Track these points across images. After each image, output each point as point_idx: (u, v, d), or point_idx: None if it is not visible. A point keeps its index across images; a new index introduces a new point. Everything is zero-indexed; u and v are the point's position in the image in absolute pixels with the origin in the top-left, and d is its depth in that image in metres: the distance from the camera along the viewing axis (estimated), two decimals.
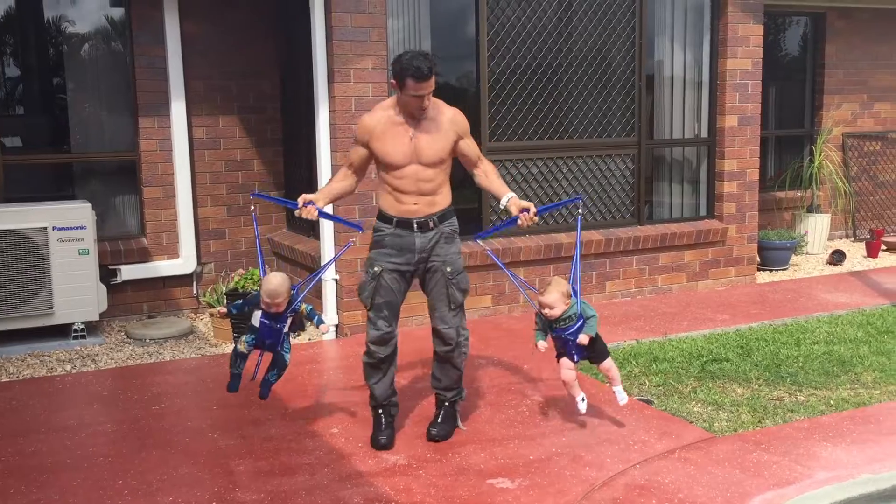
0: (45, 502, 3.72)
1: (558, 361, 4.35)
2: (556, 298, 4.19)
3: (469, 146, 4.35)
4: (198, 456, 4.19)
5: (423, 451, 4.22)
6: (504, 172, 6.89)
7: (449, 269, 4.26)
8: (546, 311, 4.21)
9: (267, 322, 4.12)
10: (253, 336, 4.15)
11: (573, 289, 4.28)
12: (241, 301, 4.35)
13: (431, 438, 4.33)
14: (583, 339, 4.21)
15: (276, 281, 4.08)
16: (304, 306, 4.20)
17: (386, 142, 4.16)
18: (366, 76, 6.19)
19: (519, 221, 4.22)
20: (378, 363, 4.31)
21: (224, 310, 4.51)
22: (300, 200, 4.16)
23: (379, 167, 4.27)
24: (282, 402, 4.93)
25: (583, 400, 4.36)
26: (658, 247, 7.47)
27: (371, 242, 4.31)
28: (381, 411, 4.38)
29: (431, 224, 4.23)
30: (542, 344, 4.27)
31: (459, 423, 4.49)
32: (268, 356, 4.24)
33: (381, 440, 4.27)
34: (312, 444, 4.32)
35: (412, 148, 4.15)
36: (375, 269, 4.22)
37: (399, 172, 4.18)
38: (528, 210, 4.21)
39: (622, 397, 4.39)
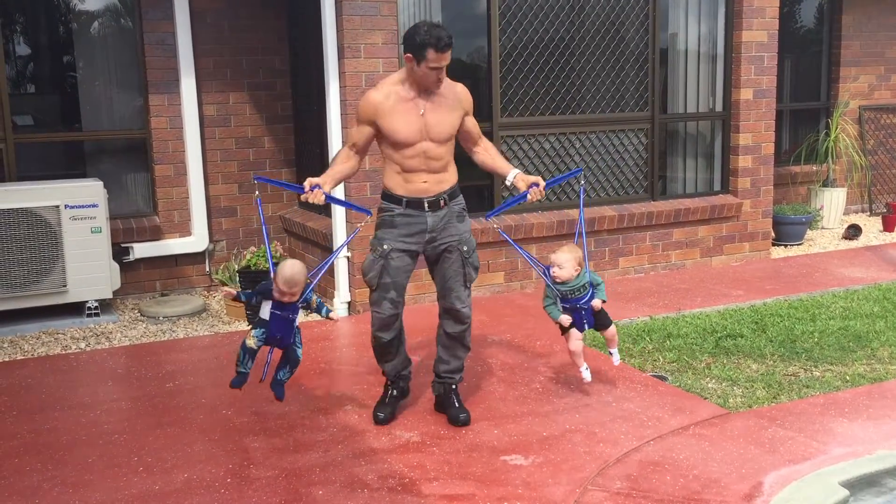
0: (61, 479, 3.75)
1: (564, 335, 4.43)
2: (567, 259, 4.28)
3: (473, 123, 4.32)
4: (212, 433, 4.21)
5: (437, 428, 4.22)
6: (516, 148, 6.85)
7: (465, 248, 4.24)
8: (555, 270, 4.28)
9: (278, 313, 3.89)
10: (263, 330, 3.90)
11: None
12: (250, 291, 4.03)
13: (463, 423, 4.24)
14: (596, 303, 4.36)
15: (295, 268, 3.85)
16: (314, 297, 4.03)
17: (395, 119, 4.05)
18: (376, 51, 6.14)
19: (529, 196, 4.17)
20: (387, 345, 4.29)
21: (233, 291, 4.13)
22: (306, 184, 3.99)
23: (384, 145, 4.15)
24: (295, 379, 4.92)
25: (587, 369, 4.48)
26: (672, 222, 7.42)
27: (378, 222, 4.21)
28: (389, 384, 4.42)
29: (442, 203, 4.17)
30: (566, 318, 4.34)
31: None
32: (277, 353, 4.06)
33: (380, 416, 4.29)
34: (326, 421, 4.33)
35: (422, 124, 4.07)
36: (385, 247, 4.13)
37: (409, 150, 4.09)
38: (537, 184, 4.17)
39: (617, 359, 4.62)
